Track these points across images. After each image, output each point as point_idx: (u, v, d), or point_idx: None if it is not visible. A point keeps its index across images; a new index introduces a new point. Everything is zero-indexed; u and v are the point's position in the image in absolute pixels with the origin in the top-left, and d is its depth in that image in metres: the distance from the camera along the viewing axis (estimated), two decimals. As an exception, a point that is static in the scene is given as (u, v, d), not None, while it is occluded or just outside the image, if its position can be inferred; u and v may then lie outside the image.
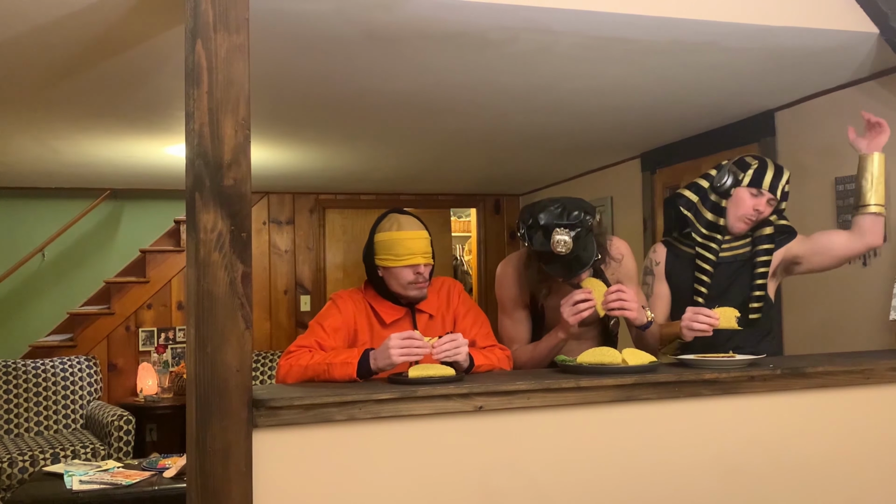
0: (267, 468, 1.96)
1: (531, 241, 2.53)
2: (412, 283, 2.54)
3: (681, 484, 2.30)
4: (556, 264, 2.54)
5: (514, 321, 2.81)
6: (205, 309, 1.89)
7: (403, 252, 2.52)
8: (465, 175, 6.37)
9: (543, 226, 2.50)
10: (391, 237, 2.54)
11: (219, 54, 1.94)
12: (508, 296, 2.79)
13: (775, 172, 2.72)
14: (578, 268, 2.55)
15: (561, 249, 2.47)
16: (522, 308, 2.79)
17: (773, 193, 2.71)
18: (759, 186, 2.70)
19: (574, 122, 4.27)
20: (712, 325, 2.50)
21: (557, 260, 2.52)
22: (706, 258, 2.77)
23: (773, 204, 2.73)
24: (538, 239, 2.51)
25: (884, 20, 2.83)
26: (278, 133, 4.45)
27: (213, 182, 1.91)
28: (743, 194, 2.72)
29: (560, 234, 2.48)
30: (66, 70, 3.12)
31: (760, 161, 2.75)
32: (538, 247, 2.52)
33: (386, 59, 3.01)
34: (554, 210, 2.51)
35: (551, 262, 2.54)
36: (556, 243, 2.47)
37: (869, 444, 2.49)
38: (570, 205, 2.53)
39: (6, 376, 5.68)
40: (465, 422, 2.12)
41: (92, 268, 6.89)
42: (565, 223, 2.49)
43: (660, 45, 2.93)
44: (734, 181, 2.73)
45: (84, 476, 3.81)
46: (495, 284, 2.85)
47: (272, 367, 6.35)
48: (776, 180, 2.71)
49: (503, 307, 2.83)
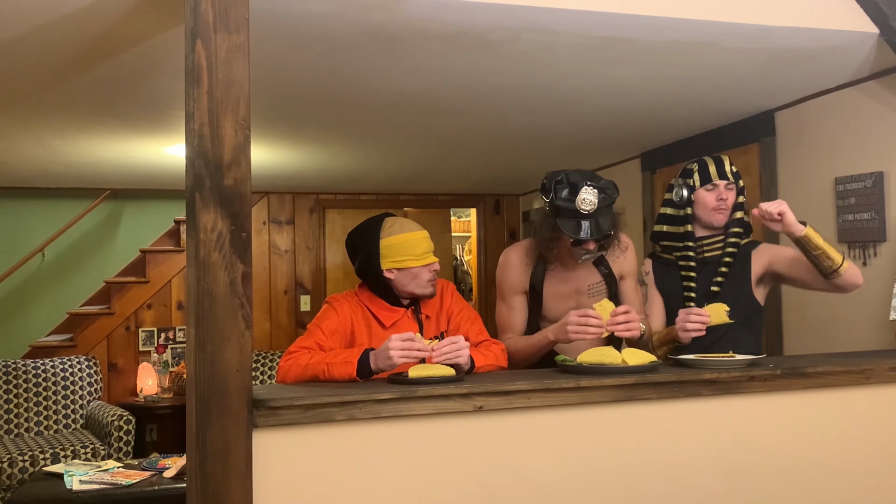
0: (267, 468, 1.96)
1: (556, 194, 2.57)
2: (430, 281, 2.60)
3: (681, 484, 2.30)
4: (573, 221, 2.58)
5: (510, 307, 2.84)
6: (205, 309, 1.90)
7: (421, 252, 2.58)
8: (465, 175, 6.37)
9: (572, 182, 2.57)
10: (406, 238, 2.57)
11: (219, 54, 1.94)
12: (508, 281, 2.83)
13: (716, 162, 2.85)
14: (594, 232, 2.58)
15: (586, 207, 2.53)
16: (520, 295, 2.82)
17: (726, 179, 2.83)
18: (710, 181, 2.83)
19: (574, 122, 4.27)
20: (705, 322, 2.56)
21: (576, 218, 2.57)
22: (688, 266, 2.87)
23: (733, 188, 2.85)
24: (564, 194, 2.56)
25: (884, 20, 2.83)
26: (278, 133, 4.45)
27: (213, 182, 1.91)
28: (702, 194, 2.84)
29: (587, 192, 2.55)
30: (66, 70, 3.12)
31: (698, 161, 2.89)
32: (562, 201, 2.56)
33: (386, 59, 3.01)
34: (587, 172, 2.62)
35: (569, 218, 2.58)
36: (582, 200, 2.53)
37: (869, 444, 2.49)
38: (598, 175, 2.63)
39: (6, 376, 5.68)
40: (465, 422, 2.12)
41: (92, 268, 6.90)
42: (594, 184, 2.57)
43: (660, 45, 2.93)
44: (689, 189, 2.87)
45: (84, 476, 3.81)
46: (498, 269, 2.90)
47: (272, 367, 6.35)
48: (720, 167, 2.84)
49: (501, 293, 2.87)
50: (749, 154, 4.21)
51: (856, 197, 3.47)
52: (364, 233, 2.63)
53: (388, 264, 2.57)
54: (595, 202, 2.55)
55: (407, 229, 2.61)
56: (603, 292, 2.82)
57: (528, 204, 7.47)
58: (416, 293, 2.60)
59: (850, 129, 3.56)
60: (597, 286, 2.82)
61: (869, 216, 3.40)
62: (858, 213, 3.45)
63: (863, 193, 3.43)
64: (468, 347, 2.34)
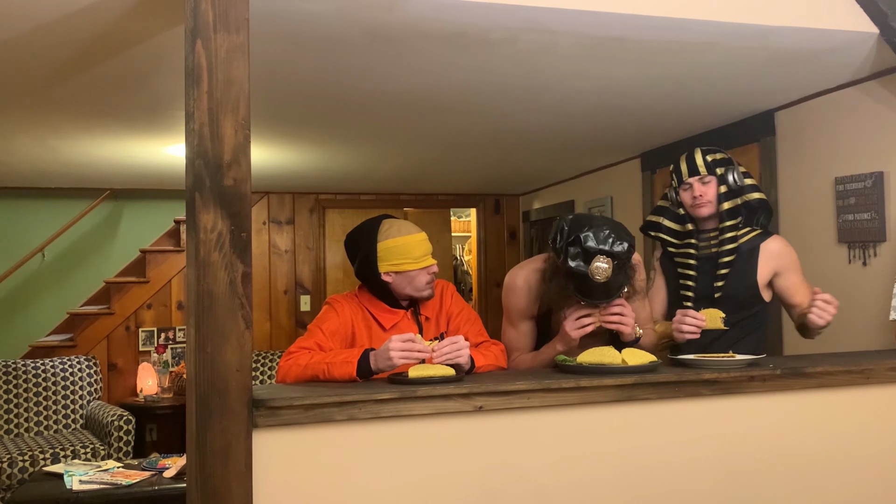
0: (267, 468, 1.96)
1: (567, 258, 2.42)
2: (427, 285, 2.59)
3: (681, 484, 2.30)
4: (584, 286, 2.43)
5: (518, 332, 2.71)
6: (205, 309, 1.90)
7: (419, 254, 2.56)
8: (465, 175, 6.37)
9: (586, 248, 2.39)
10: (405, 242, 2.55)
11: (219, 54, 1.94)
12: (516, 306, 2.68)
13: (687, 160, 2.87)
14: (605, 296, 2.45)
15: (599, 278, 2.39)
16: (528, 320, 2.70)
17: (697, 174, 2.83)
18: (681, 181, 2.87)
19: (574, 122, 4.27)
20: (700, 326, 2.59)
21: (587, 283, 2.42)
22: (687, 263, 2.88)
23: (710, 180, 2.83)
24: (576, 259, 2.40)
25: (884, 20, 2.83)
26: (278, 133, 4.45)
27: (213, 182, 1.91)
28: (682, 194, 2.89)
29: (601, 261, 2.38)
30: (66, 70, 3.12)
31: (674, 162, 2.92)
32: (574, 267, 2.41)
33: (386, 59, 3.01)
34: (602, 235, 2.41)
35: (580, 283, 2.43)
36: (596, 270, 2.38)
37: (869, 444, 2.49)
38: (617, 231, 2.44)
39: (6, 376, 5.68)
40: (465, 422, 2.12)
41: (92, 268, 6.90)
42: (609, 251, 2.39)
43: (660, 45, 2.93)
44: (675, 190, 2.92)
45: (84, 476, 3.81)
46: (503, 291, 2.75)
47: (272, 367, 6.35)
48: (690, 163, 2.85)
49: (509, 317, 2.73)
50: (749, 154, 4.21)
51: (856, 197, 3.47)
52: (361, 235, 2.62)
53: (385, 267, 2.55)
54: (608, 271, 2.39)
55: (404, 232, 2.59)
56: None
57: (528, 204, 7.47)
58: (415, 296, 2.60)
59: (849, 129, 3.55)
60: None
61: (869, 216, 3.40)
62: (858, 213, 3.45)
63: (863, 193, 3.43)
64: (468, 347, 2.34)
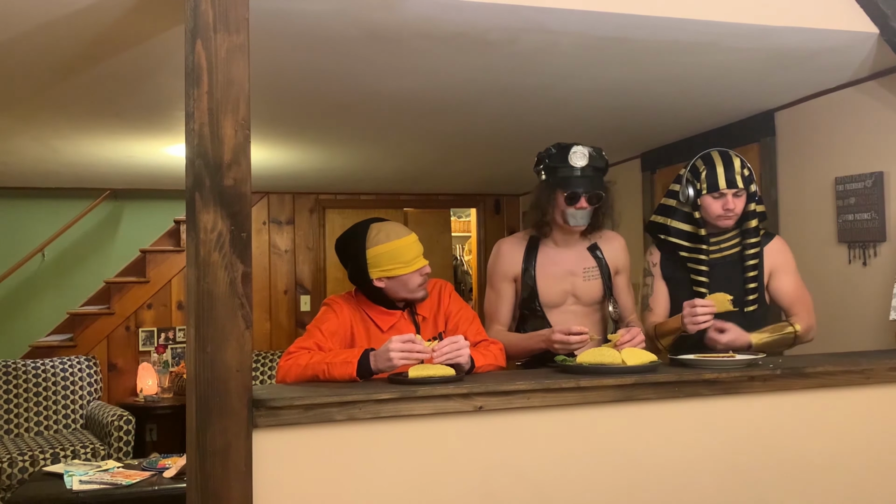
0: (267, 468, 1.96)
1: (549, 157, 2.78)
2: (420, 286, 2.57)
3: (681, 484, 2.30)
4: (566, 179, 2.73)
5: (497, 295, 2.92)
6: (205, 309, 1.90)
7: (410, 258, 2.53)
8: (465, 175, 6.37)
9: (563, 145, 2.77)
10: (395, 246, 2.52)
11: (219, 54, 1.94)
12: (498, 267, 2.92)
13: (725, 166, 2.73)
14: (587, 187, 2.72)
15: (578, 162, 2.72)
16: (509, 281, 2.90)
17: (735, 187, 2.72)
18: (717, 188, 2.73)
19: (574, 122, 4.27)
20: (711, 312, 2.59)
21: (570, 175, 2.73)
22: (699, 270, 2.82)
23: (742, 194, 2.76)
24: (556, 153, 2.77)
25: (884, 20, 2.83)
26: (278, 133, 4.45)
27: (213, 182, 1.92)
28: (708, 201, 2.76)
29: (579, 149, 2.74)
30: (66, 70, 3.12)
31: (707, 162, 2.78)
32: (555, 159, 2.76)
33: (386, 59, 3.01)
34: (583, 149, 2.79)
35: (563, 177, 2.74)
36: (573, 152, 2.73)
37: (869, 444, 2.49)
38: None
39: (6, 376, 5.68)
40: (465, 422, 2.12)
41: (92, 268, 6.89)
42: (584, 145, 2.76)
43: (660, 45, 2.93)
44: (695, 191, 2.78)
45: (84, 476, 3.81)
46: (489, 258, 2.99)
47: (272, 367, 6.35)
48: (730, 173, 2.72)
49: (491, 280, 2.95)
50: (749, 154, 4.21)
51: (856, 197, 3.47)
52: (349, 242, 2.58)
53: (377, 273, 2.52)
54: (586, 156, 2.72)
55: (393, 236, 2.53)
56: (597, 277, 2.85)
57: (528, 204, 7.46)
58: (408, 298, 2.59)
59: (849, 129, 3.55)
60: (591, 270, 2.87)
61: (869, 216, 3.40)
62: (858, 213, 3.45)
63: (863, 193, 3.43)
64: (468, 347, 2.34)
